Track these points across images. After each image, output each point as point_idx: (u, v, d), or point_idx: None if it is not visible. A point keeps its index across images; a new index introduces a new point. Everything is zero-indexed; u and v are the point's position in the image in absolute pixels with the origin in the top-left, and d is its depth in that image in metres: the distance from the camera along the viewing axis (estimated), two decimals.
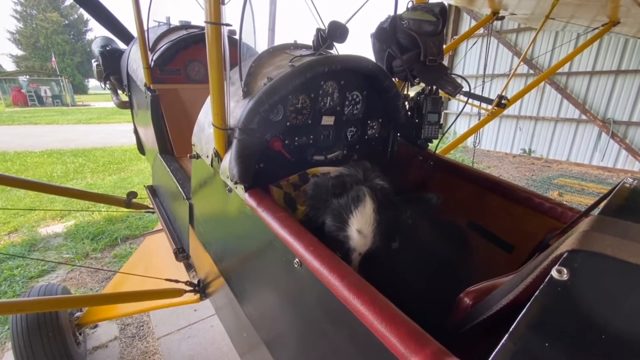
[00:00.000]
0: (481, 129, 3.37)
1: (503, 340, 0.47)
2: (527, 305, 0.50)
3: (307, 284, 0.82)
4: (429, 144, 1.65)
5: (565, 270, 0.50)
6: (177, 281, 1.89)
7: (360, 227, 0.99)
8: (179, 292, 1.88)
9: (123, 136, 11.85)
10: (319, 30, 1.25)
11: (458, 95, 1.61)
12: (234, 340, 1.59)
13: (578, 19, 4.04)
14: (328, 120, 1.40)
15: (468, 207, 1.51)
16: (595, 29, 3.80)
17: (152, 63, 2.25)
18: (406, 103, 1.59)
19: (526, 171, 8.29)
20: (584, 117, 8.43)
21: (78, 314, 2.52)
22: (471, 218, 1.51)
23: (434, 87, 1.50)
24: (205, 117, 1.37)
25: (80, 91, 43.19)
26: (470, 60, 10.17)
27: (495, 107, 2.90)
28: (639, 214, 0.59)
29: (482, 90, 5.97)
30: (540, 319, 0.48)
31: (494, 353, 0.46)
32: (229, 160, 1.12)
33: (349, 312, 0.65)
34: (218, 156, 1.20)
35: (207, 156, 1.31)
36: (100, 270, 3.86)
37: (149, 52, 2.19)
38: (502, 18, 4.24)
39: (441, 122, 1.55)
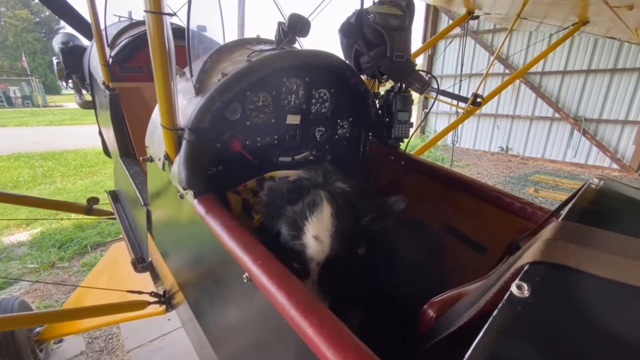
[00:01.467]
0: (460, 128, 3.38)
1: None
2: (485, 326, 0.44)
3: (256, 301, 0.75)
4: (400, 144, 1.60)
5: (525, 286, 0.44)
6: (140, 292, 1.77)
7: (316, 233, 0.91)
8: (142, 305, 1.76)
9: (97, 138, 11.38)
10: (280, 24, 1.18)
11: (432, 93, 1.57)
12: (200, 355, 1.50)
13: (550, 18, 4.12)
14: (293, 119, 1.32)
15: (440, 207, 1.47)
16: (566, 28, 3.88)
17: (111, 60, 2.10)
18: (376, 101, 1.53)
19: (504, 168, 8.47)
20: (557, 115, 8.70)
21: (38, 329, 2.35)
22: (444, 219, 1.47)
23: (404, 85, 1.46)
24: (158, 116, 1.26)
25: (53, 91, 41.41)
26: (448, 60, 10.33)
27: (471, 106, 2.90)
28: (603, 219, 0.55)
29: (460, 89, 6.04)
30: (498, 344, 0.42)
31: None
32: (178, 163, 1.03)
33: (296, 335, 0.58)
34: (169, 159, 1.10)
35: (159, 159, 1.20)
36: (68, 281, 3.65)
37: (107, 48, 2.05)
38: (477, 17, 4.28)
39: (411, 120, 1.51)
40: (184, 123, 1.05)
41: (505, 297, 0.45)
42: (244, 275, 0.76)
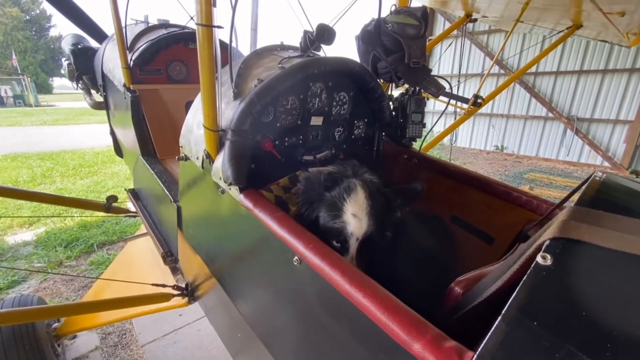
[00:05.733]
0: (457, 127, 3.51)
1: (497, 322, 0.51)
2: (517, 289, 0.55)
3: (307, 280, 0.85)
4: (413, 143, 1.71)
5: (548, 257, 0.55)
6: (164, 285, 1.85)
7: (355, 211, 1.04)
8: (166, 297, 1.85)
9: (94, 138, 11.36)
10: (306, 32, 1.27)
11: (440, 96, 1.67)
12: (226, 340, 1.59)
13: (543, 22, 4.28)
14: (317, 120, 1.43)
15: (450, 202, 1.59)
16: (560, 31, 4.03)
17: (132, 63, 2.18)
18: (391, 103, 1.64)
19: (499, 167, 8.67)
20: (550, 114, 8.92)
21: (56, 324, 2.41)
22: (453, 212, 1.59)
23: (417, 88, 1.56)
24: (194, 118, 1.36)
25: (44, 91, 40.89)
26: (444, 60, 10.50)
27: (471, 106, 3.03)
28: (609, 204, 0.66)
29: (457, 90, 6.19)
30: (529, 301, 0.53)
31: (489, 334, 0.51)
32: (221, 161, 1.13)
33: (352, 305, 0.68)
34: (209, 157, 1.20)
35: (197, 158, 1.30)
36: (77, 279, 3.70)
37: (127, 52, 2.13)
38: (475, 20, 4.41)
39: (424, 121, 1.62)
40: (224, 125, 1.15)
41: (532, 266, 0.56)
42: (295, 259, 0.86)
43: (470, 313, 0.73)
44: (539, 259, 0.55)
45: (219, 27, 0.99)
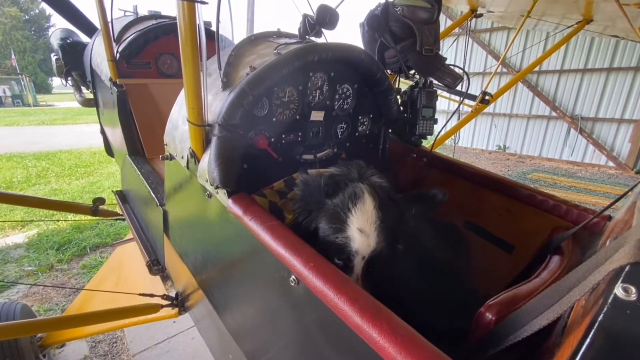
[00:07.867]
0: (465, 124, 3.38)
1: None
2: (591, 332, 0.40)
3: (306, 304, 0.70)
4: (423, 141, 1.57)
5: (633, 289, 0.41)
6: (152, 295, 1.71)
7: (361, 225, 0.87)
8: (155, 308, 1.70)
9: (91, 137, 11.22)
10: (306, 16, 1.13)
11: (444, 92, 1.53)
12: (217, 356, 1.45)
13: (549, 16, 4.14)
14: (317, 115, 1.28)
15: (464, 206, 1.44)
16: (568, 27, 3.89)
17: (118, 55, 2.03)
18: (398, 97, 1.49)
19: (502, 167, 8.52)
20: (554, 114, 8.79)
21: (41, 334, 2.28)
22: (468, 217, 1.45)
23: (428, 80, 1.42)
24: (179, 112, 1.21)
25: (43, 90, 40.83)
26: None
27: (479, 104, 2.89)
28: None
29: (461, 88, 6.07)
30: (611, 351, 0.38)
31: None
32: (207, 161, 0.98)
33: (363, 342, 0.54)
34: (195, 157, 1.05)
35: (182, 157, 1.15)
36: (68, 283, 3.56)
37: (113, 43, 1.98)
38: (480, 15, 4.28)
39: (436, 116, 1.48)
40: (211, 119, 1.00)
41: (610, 300, 0.42)
42: (292, 278, 0.72)
43: (511, 350, 0.59)
44: (618, 291, 0.41)
45: (202, 2, 0.84)
